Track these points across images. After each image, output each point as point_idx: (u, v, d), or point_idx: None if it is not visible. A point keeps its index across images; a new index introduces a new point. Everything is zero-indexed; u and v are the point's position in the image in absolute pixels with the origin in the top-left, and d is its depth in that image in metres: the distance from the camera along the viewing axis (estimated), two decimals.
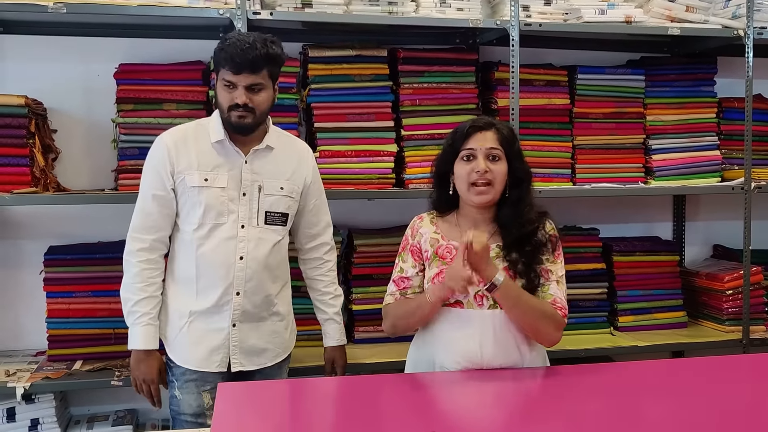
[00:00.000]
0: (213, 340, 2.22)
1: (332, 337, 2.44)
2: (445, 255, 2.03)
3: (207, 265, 2.20)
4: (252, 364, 2.27)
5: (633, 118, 3.11)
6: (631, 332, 3.12)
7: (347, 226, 3.09)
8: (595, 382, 1.96)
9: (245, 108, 2.12)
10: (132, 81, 2.72)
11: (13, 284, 2.90)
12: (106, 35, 2.87)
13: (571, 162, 3.06)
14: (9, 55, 2.85)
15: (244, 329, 2.24)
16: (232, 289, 2.20)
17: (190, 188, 2.18)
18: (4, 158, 2.55)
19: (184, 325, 2.23)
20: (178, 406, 2.25)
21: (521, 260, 1.98)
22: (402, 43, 3.02)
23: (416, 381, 2.02)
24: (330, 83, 2.82)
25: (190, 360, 2.23)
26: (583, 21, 2.87)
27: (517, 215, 2.01)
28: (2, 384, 2.51)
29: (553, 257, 2.03)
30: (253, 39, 2.10)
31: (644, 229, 3.47)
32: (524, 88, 2.93)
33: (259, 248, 2.22)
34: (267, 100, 2.17)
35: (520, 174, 2.03)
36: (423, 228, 2.11)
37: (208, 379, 2.22)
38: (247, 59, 2.07)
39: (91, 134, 2.91)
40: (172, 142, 2.20)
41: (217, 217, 2.19)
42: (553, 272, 2.02)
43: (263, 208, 2.22)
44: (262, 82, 2.13)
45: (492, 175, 1.98)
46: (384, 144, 2.86)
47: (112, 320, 2.74)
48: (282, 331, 2.33)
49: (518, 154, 2.05)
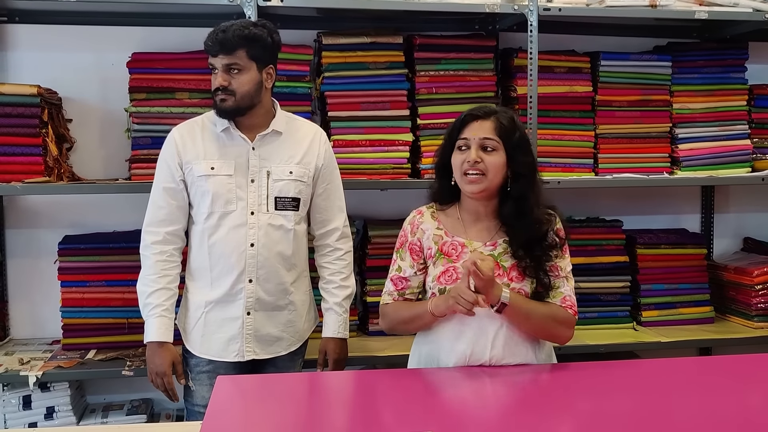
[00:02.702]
0: (229, 330, 2.21)
1: (329, 327, 2.34)
2: (450, 252, 1.96)
3: (219, 254, 2.19)
4: (266, 353, 2.25)
5: (659, 106, 3.01)
6: (655, 327, 3.03)
7: (363, 216, 3.04)
8: (615, 379, 1.88)
9: (224, 90, 2.12)
10: (144, 70, 2.71)
11: (29, 273, 2.92)
12: (120, 24, 2.87)
13: (593, 151, 2.97)
14: (24, 44, 2.86)
15: (259, 318, 2.22)
16: (244, 276, 2.19)
17: (197, 177, 2.18)
18: (16, 147, 2.55)
19: (201, 316, 2.23)
20: (191, 397, 2.26)
21: (530, 261, 1.91)
22: (419, 29, 2.96)
23: (419, 376, 1.96)
24: (344, 71, 2.77)
25: (207, 350, 2.24)
26: (605, 5, 2.78)
27: (520, 213, 1.91)
28: (16, 372, 2.53)
29: (560, 252, 1.96)
30: (234, 23, 2.11)
31: (671, 221, 3.36)
32: (545, 75, 2.85)
33: (270, 235, 2.19)
34: (248, 83, 2.13)
35: (520, 167, 1.92)
36: (424, 224, 2.02)
37: (221, 371, 2.21)
38: (218, 40, 2.09)
39: (106, 123, 2.91)
40: (179, 135, 2.23)
41: (226, 205, 2.18)
42: (562, 268, 1.96)
43: (272, 194, 2.19)
44: (239, 62, 2.11)
45: (484, 166, 1.89)
46: (399, 133, 2.81)
47: (125, 309, 2.75)
48: (297, 320, 2.30)
49: (519, 145, 1.93)
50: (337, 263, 2.35)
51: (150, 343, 2.19)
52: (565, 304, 1.93)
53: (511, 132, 1.92)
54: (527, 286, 1.91)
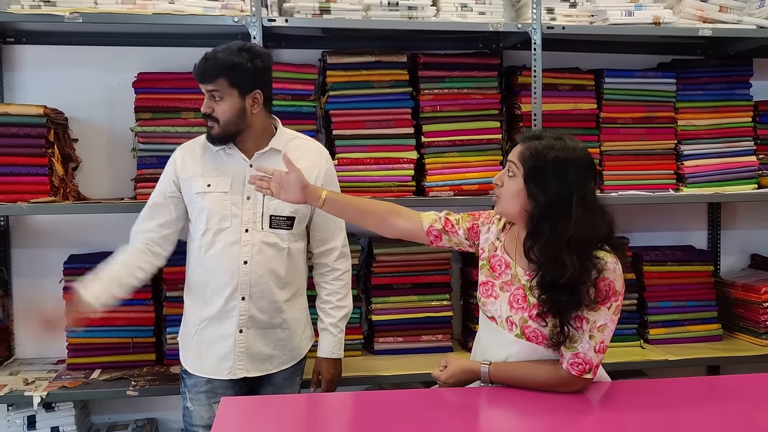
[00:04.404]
0: (222, 347, 2.21)
1: (323, 347, 2.32)
2: (495, 267, 1.93)
3: (213, 271, 2.20)
4: (257, 371, 2.24)
5: (663, 123, 3.00)
6: (663, 345, 3.00)
7: (367, 234, 3.03)
8: (622, 398, 1.86)
9: (209, 117, 2.15)
10: (150, 90, 2.73)
11: (34, 292, 2.91)
12: (126, 44, 2.88)
13: (598, 168, 2.96)
14: (31, 65, 2.88)
15: (251, 335, 2.22)
16: (237, 294, 2.19)
17: (194, 194, 2.20)
18: (22, 167, 2.56)
19: (196, 333, 2.25)
20: (190, 417, 2.25)
21: (551, 305, 1.77)
22: (423, 48, 2.97)
23: (425, 397, 1.95)
24: (349, 90, 2.78)
25: (201, 367, 2.24)
26: (609, 23, 2.78)
27: (541, 253, 1.77)
28: (20, 392, 2.53)
29: (595, 304, 1.76)
30: (218, 49, 2.13)
31: (677, 237, 3.34)
32: (549, 93, 2.86)
33: (264, 252, 2.19)
34: (230, 110, 2.14)
35: (536, 199, 1.76)
36: (493, 226, 1.97)
37: (218, 390, 2.21)
38: (200, 68, 2.12)
39: (112, 143, 2.92)
40: (180, 154, 2.27)
41: (221, 222, 2.18)
42: (589, 321, 1.77)
43: (267, 212, 2.19)
44: (219, 90, 2.12)
45: (500, 191, 1.86)
46: (404, 151, 2.81)
47: (130, 329, 2.76)
48: (291, 339, 2.29)
49: (537, 176, 1.77)
50: (335, 283, 2.33)
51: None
52: (573, 361, 1.78)
53: (529, 160, 1.78)
54: (547, 329, 1.80)
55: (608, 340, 1.82)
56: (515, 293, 1.87)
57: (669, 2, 2.94)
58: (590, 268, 1.74)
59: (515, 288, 1.87)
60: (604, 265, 1.76)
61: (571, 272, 1.71)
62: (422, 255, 2.91)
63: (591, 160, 1.83)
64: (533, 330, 1.83)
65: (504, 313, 1.88)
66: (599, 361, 1.82)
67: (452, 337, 2.97)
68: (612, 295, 1.77)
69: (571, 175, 1.75)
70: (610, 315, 1.79)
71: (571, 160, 1.77)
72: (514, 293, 1.87)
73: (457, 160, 2.84)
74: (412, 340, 2.89)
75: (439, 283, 2.92)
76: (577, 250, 1.73)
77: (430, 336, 2.91)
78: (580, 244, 1.73)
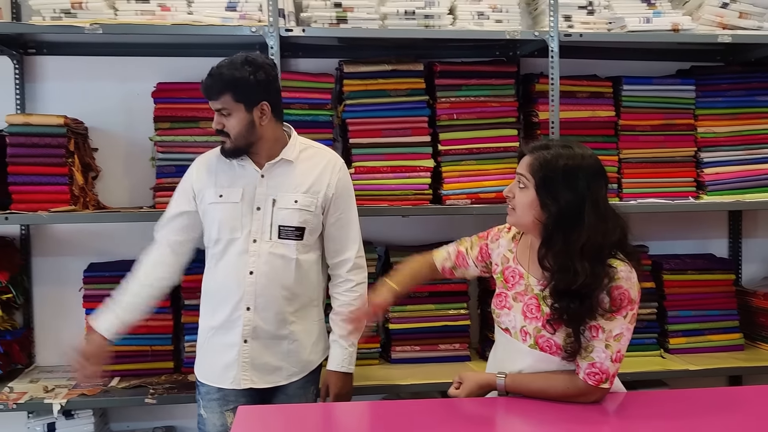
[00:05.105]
0: (226, 356, 2.22)
1: (332, 360, 2.28)
2: (508, 278, 1.93)
3: (221, 281, 2.22)
4: (264, 382, 2.23)
5: (683, 130, 2.98)
6: (683, 355, 2.96)
7: (384, 242, 3.03)
8: (642, 409, 1.83)
9: (221, 133, 2.16)
10: (169, 100, 2.75)
11: (54, 301, 2.94)
12: (145, 54, 2.92)
13: (617, 176, 2.94)
14: (52, 76, 2.92)
15: (256, 346, 2.21)
16: (242, 304, 2.19)
17: (208, 205, 2.22)
18: (43, 177, 2.59)
19: (205, 341, 2.26)
20: (204, 425, 2.26)
21: (563, 313, 1.76)
22: (439, 56, 2.97)
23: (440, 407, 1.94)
24: (365, 99, 2.79)
25: (208, 375, 2.26)
26: (627, 30, 2.77)
27: (555, 261, 1.77)
28: (40, 399, 2.55)
29: (610, 313, 1.75)
30: (222, 64, 2.12)
31: (698, 246, 3.31)
32: (567, 101, 2.84)
33: (271, 263, 2.18)
34: (238, 124, 2.13)
35: (548, 209, 1.76)
36: (502, 239, 1.99)
37: (230, 398, 2.21)
38: (206, 86, 2.13)
39: (131, 152, 2.95)
40: (196, 167, 2.29)
41: (231, 232, 2.19)
42: (604, 330, 1.76)
43: (276, 222, 2.19)
44: (226, 106, 2.12)
45: (513, 202, 1.86)
46: (420, 159, 2.80)
47: (149, 337, 2.77)
48: (300, 351, 2.26)
49: (548, 186, 1.77)
50: (348, 295, 2.29)
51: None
52: (590, 371, 1.77)
53: (539, 171, 1.79)
54: (560, 338, 1.80)
55: (624, 349, 1.80)
56: (528, 303, 1.86)
57: (688, 9, 2.92)
58: (602, 275, 1.73)
59: (528, 298, 1.87)
60: (617, 273, 1.75)
61: (583, 279, 1.71)
62: None
63: (601, 167, 1.82)
64: (546, 339, 1.82)
65: (518, 324, 1.87)
66: (616, 371, 1.80)
67: (470, 346, 2.96)
68: (627, 304, 1.76)
69: (582, 182, 1.76)
70: (626, 324, 1.77)
71: (581, 167, 1.77)
72: (528, 303, 1.86)
73: (474, 168, 2.83)
74: (430, 349, 2.88)
75: (457, 291, 2.91)
76: (590, 257, 1.72)
77: (448, 345, 2.90)
78: (593, 251, 1.73)
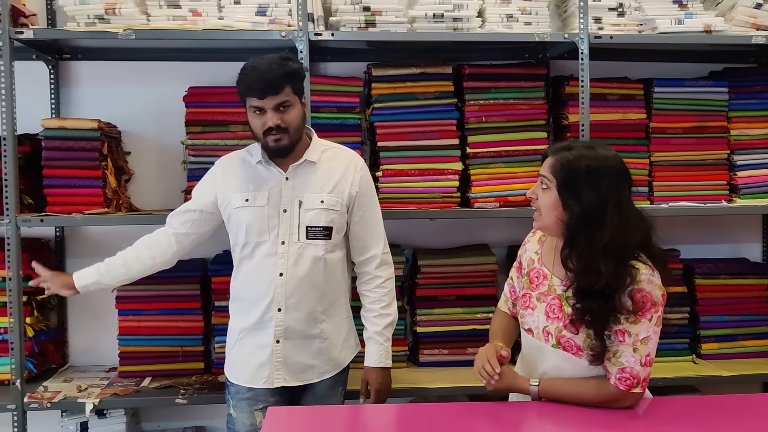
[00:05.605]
0: (259, 356, 2.24)
1: (370, 356, 2.31)
2: (533, 279, 1.94)
3: (251, 283, 2.24)
4: (297, 380, 2.25)
5: (715, 133, 2.94)
6: (716, 360, 2.93)
7: (412, 245, 3.04)
8: (674, 415, 1.81)
9: (278, 129, 2.14)
10: (200, 104, 2.79)
11: (88, 302, 2.99)
12: (176, 59, 2.96)
13: (648, 179, 2.91)
14: (86, 81, 2.97)
15: (289, 346, 2.23)
16: (273, 306, 2.21)
17: (234, 209, 2.24)
18: (77, 180, 2.64)
19: (236, 342, 2.29)
20: (233, 424, 2.28)
21: (585, 314, 1.76)
22: (468, 59, 2.96)
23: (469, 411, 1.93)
24: (393, 102, 2.79)
25: (239, 376, 2.28)
26: (658, 32, 2.74)
27: (575, 262, 1.76)
28: (74, 399, 2.60)
29: (634, 316, 1.75)
30: (268, 61, 2.13)
31: (730, 250, 3.26)
32: (597, 103, 2.82)
33: (300, 264, 2.21)
34: (297, 117, 2.17)
35: (570, 209, 1.77)
36: (529, 244, 2.02)
37: (260, 398, 2.24)
38: (267, 82, 2.10)
39: (163, 156, 2.99)
40: (221, 169, 2.32)
41: (259, 235, 2.21)
42: (631, 334, 1.75)
43: (303, 223, 2.21)
44: (288, 99, 2.14)
45: (537, 204, 1.87)
46: (448, 162, 2.80)
47: (180, 338, 2.82)
48: (331, 349, 2.29)
49: (571, 187, 1.77)
50: (377, 291, 2.32)
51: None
52: (620, 375, 1.76)
53: (560, 171, 1.79)
54: (580, 339, 1.80)
55: (653, 352, 1.79)
56: (551, 303, 1.86)
57: (721, 10, 2.88)
58: (625, 275, 1.73)
59: (551, 298, 1.87)
60: (638, 275, 1.74)
61: (606, 279, 1.71)
62: (467, 267, 2.90)
63: (624, 167, 1.82)
64: (568, 340, 1.82)
65: (540, 324, 1.88)
66: (647, 375, 1.79)
67: None
68: (651, 307, 1.75)
69: (604, 182, 1.76)
70: (652, 327, 1.77)
71: (604, 168, 1.78)
72: (551, 303, 1.87)
73: (502, 171, 2.82)
74: (458, 353, 2.87)
75: (485, 295, 2.90)
76: (613, 257, 1.72)
77: (476, 349, 2.82)
78: (616, 251, 1.73)
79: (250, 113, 2.17)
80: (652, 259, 1.79)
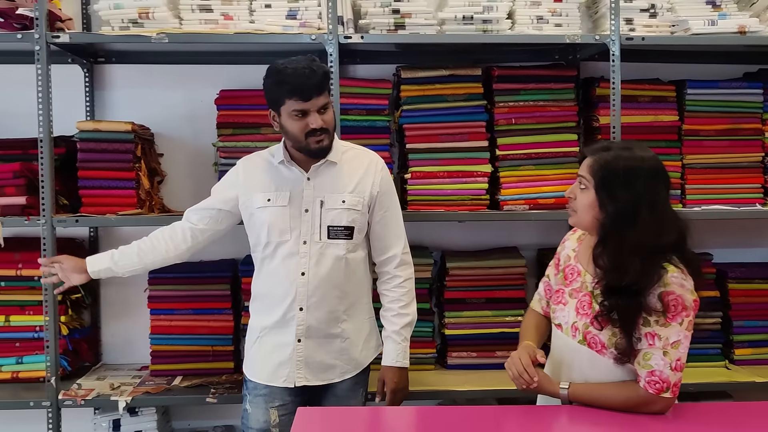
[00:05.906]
0: (280, 355, 2.26)
1: (387, 355, 2.31)
2: (567, 275, 1.94)
3: (273, 282, 2.26)
4: (318, 380, 2.27)
5: (750, 135, 2.89)
6: (749, 366, 2.88)
7: (440, 247, 3.04)
8: (706, 421, 1.80)
9: (322, 131, 2.16)
10: (231, 106, 2.82)
11: (121, 301, 3.05)
12: (208, 63, 3.00)
13: (680, 182, 2.88)
14: (120, 83, 3.03)
15: (310, 345, 2.24)
16: (295, 305, 2.23)
17: (256, 209, 2.26)
18: (111, 181, 2.69)
19: (256, 340, 2.30)
20: (247, 419, 2.31)
21: (610, 310, 1.76)
22: (497, 61, 2.95)
23: (498, 414, 1.93)
24: (422, 104, 2.80)
25: (259, 374, 2.29)
26: (691, 33, 2.71)
27: (606, 260, 1.77)
28: (107, 396, 2.64)
29: (665, 319, 1.73)
30: (305, 63, 2.14)
31: (765, 254, 3.20)
32: (628, 105, 2.79)
33: (321, 263, 2.22)
34: (333, 117, 2.22)
35: (607, 209, 1.78)
36: (568, 241, 2.03)
37: (277, 395, 2.26)
38: (313, 84, 2.11)
39: (195, 158, 3.03)
40: (243, 169, 2.33)
41: (281, 235, 2.23)
42: (661, 337, 1.73)
43: (325, 223, 2.22)
44: (328, 101, 2.18)
45: (574, 204, 1.87)
46: (478, 164, 2.79)
47: (211, 337, 2.84)
48: (351, 348, 2.29)
49: (607, 186, 1.78)
50: (396, 290, 2.32)
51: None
52: (650, 379, 1.75)
53: (599, 171, 1.80)
54: (605, 336, 1.79)
55: (684, 357, 1.77)
56: (582, 300, 1.87)
57: (755, 10, 2.83)
58: (652, 274, 1.73)
59: (582, 294, 1.87)
60: (667, 277, 1.73)
61: (633, 276, 1.71)
62: (496, 269, 2.90)
63: (662, 168, 1.82)
64: (593, 336, 1.82)
65: (570, 319, 1.88)
66: (678, 380, 1.76)
67: None
68: (682, 310, 1.74)
69: (640, 183, 1.77)
70: (683, 331, 1.75)
71: (640, 168, 1.78)
72: (581, 300, 1.87)
73: (532, 173, 2.81)
74: (486, 356, 2.87)
75: (514, 298, 2.89)
76: (642, 256, 1.73)
77: (505, 352, 2.86)
78: (646, 250, 1.73)
79: (286, 116, 2.16)
80: (685, 263, 1.78)
